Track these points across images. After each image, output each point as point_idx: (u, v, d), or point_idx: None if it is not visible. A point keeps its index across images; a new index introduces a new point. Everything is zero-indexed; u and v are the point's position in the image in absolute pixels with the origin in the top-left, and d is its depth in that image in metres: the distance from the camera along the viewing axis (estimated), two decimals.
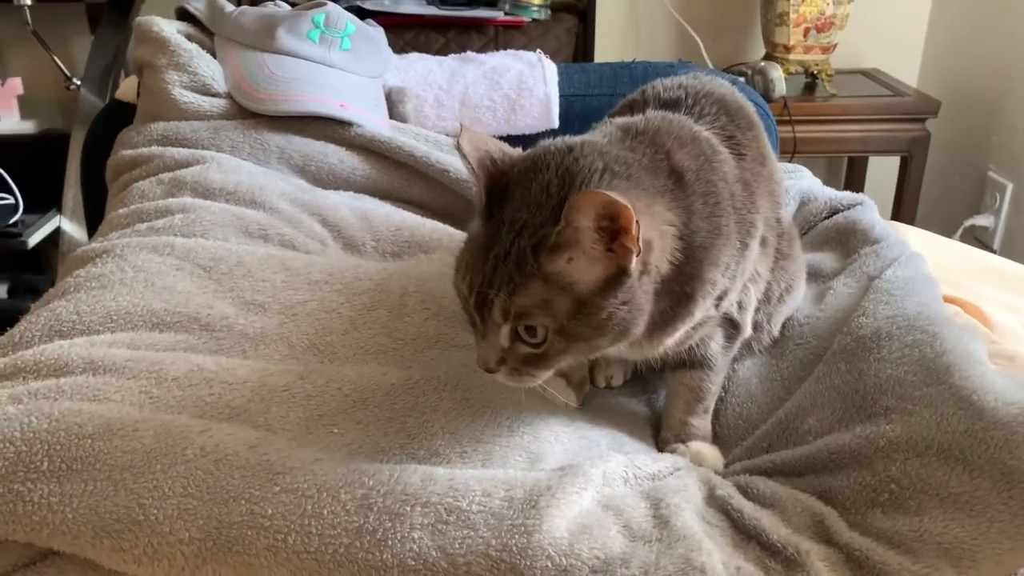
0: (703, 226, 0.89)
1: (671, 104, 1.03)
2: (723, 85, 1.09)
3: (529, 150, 0.89)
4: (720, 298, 0.94)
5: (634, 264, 0.80)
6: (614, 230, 0.78)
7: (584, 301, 0.81)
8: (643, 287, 0.84)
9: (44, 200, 2.38)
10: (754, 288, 1.03)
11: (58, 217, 2.34)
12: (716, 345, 1.01)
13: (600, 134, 0.95)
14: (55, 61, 2.40)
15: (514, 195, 0.83)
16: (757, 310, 1.06)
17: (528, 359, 0.84)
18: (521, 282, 0.80)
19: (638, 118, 0.98)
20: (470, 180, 0.85)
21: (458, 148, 0.84)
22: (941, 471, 0.83)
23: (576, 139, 0.89)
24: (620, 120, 0.98)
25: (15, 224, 2.32)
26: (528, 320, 0.81)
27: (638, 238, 0.79)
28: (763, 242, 1.01)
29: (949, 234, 2.30)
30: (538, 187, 0.82)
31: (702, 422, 1.04)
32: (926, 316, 1.02)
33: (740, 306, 1.01)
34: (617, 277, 0.81)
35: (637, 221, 0.77)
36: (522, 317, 0.81)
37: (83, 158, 1.64)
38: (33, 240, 2.32)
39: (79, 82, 2.35)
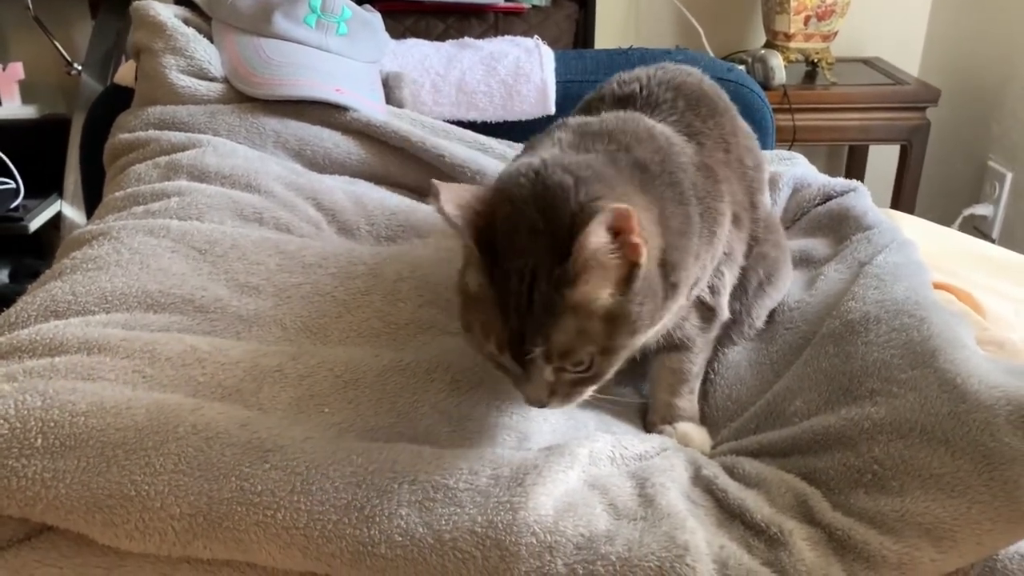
0: (676, 213, 0.90)
1: (626, 99, 1.04)
2: (683, 73, 1.10)
3: (496, 183, 0.86)
4: (692, 285, 0.96)
5: (644, 255, 0.81)
6: (617, 234, 0.79)
7: (614, 314, 0.82)
8: (649, 276, 0.85)
9: (45, 185, 2.38)
10: (728, 271, 1.04)
11: (59, 202, 2.35)
12: (692, 326, 1.02)
13: (550, 141, 0.95)
14: (56, 46, 2.41)
15: (507, 242, 0.81)
16: (736, 298, 1.08)
17: (576, 383, 0.85)
18: (555, 324, 0.80)
19: (593, 119, 0.99)
20: (459, 235, 0.82)
21: (440, 212, 0.80)
22: (924, 453, 0.83)
23: (535, 159, 0.87)
24: (574, 121, 0.99)
25: (16, 209, 2.33)
26: (572, 356, 0.82)
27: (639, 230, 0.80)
28: (736, 222, 1.02)
29: (948, 223, 2.30)
30: (526, 228, 0.81)
31: (688, 403, 1.05)
32: (914, 301, 1.02)
33: (713, 290, 1.02)
34: (630, 275, 0.82)
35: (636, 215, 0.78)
36: (566, 356, 0.82)
37: (82, 142, 1.65)
38: (34, 225, 2.32)
39: (80, 67, 2.36)
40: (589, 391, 0.87)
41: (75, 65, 2.40)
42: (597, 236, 0.78)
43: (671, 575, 0.78)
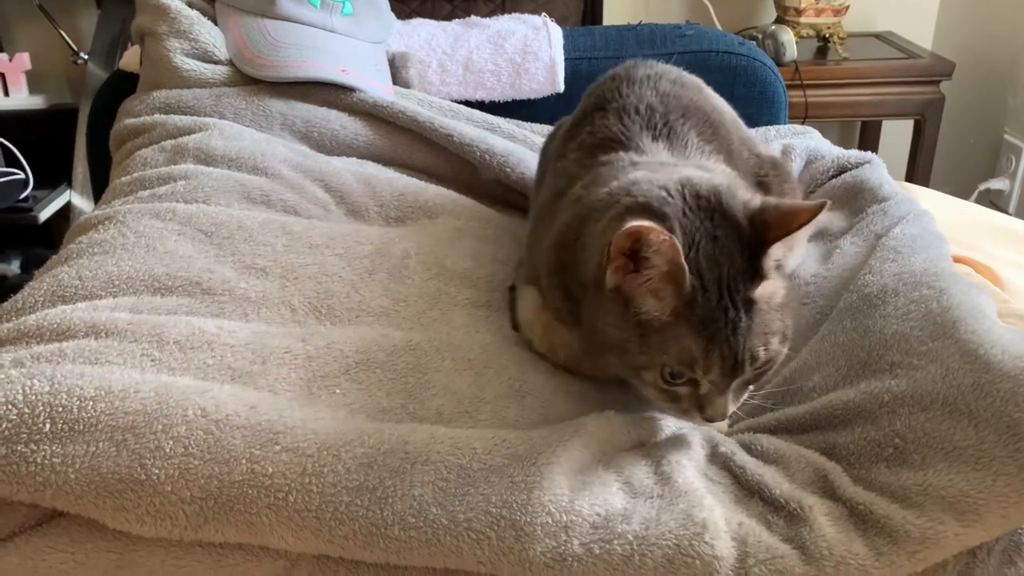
0: None
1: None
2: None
3: (635, 208, 0.85)
4: None
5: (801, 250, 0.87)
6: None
7: (785, 301, 0.84)
8: None
9: (54, 175, 2.38)
10: None
11: (69, 191, 2.35)
12: None
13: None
14: (62, 36, 2.40)
15: (696, 260, 0.81)
16: None
17: (749, 381, 0.86)
18: (755, 326, 0.81)
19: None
20: (667, 257, 0.79)
21: (663, 240, 0.78)
22: (946, 425, 0.82)
23: (653, 178, 0.89)
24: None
25: (26, 199, 2.33)
26: (772, 355, 0.83)
27: None
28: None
29: (964, 198, 2.26)
30: (705, 237, 0.82)
31: None
32: (933, 272, 1.00)
33: None
34: (781, 269, 0.85)
35: None
36: (769, 354, 0.83)
37: (88, 129, 1.64)
38: (44, 215, 2.32)
39: (86, 56, 2.35)
40: (751, 388, 0.88)
41: (81, 54, 2.40)
42: (807, 232, 0.82)
43: (689, 553, 0.77)
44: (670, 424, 0.94)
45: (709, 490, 0.83)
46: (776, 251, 0.82)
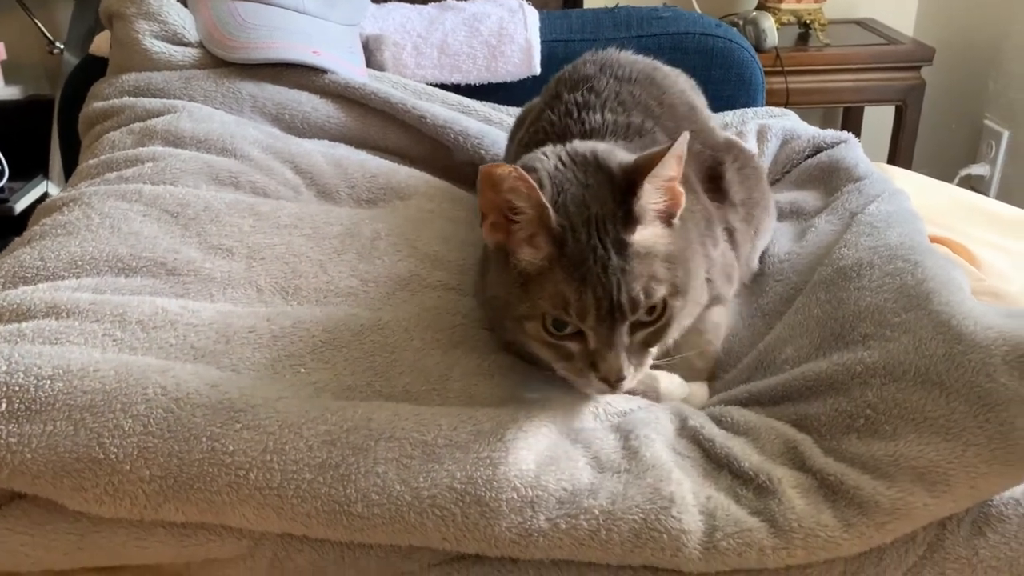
0: None
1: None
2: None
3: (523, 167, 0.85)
4: None
5: (683, 204, 0.85)
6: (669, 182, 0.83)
7: (672, 255, 0.83)
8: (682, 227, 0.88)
9: (31, 166, 2.35)
10: None
11: (45, 182, 2.32)
12: None
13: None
14: (38, 26, 2.37)
15: (564, 205, 0.82)
16: None
17: (646, 340, 0.84)
18: (631, 268, 0.80)
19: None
20: (527, 202, 0.81)
21: (520, 179, 0.79)
22: (918, 395, 0.81)
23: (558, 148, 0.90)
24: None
25: (1, 190, 2.30)
26: (653, 297, 0.81)
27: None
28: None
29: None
30: (578, 185, 0.83)
31: None
32: (908, 246, 1.00)
33: None
34: (669, 223, 0.85)
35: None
36: (649, 296, 0.81)
37: (59, 115, 1.62)
38: (20, 206, 2.29)
39: (62, 46, 2.32)
40: (653, 353, 0.86)
41: (57, 44, 2.37)
42: (670, 168, 0.80)
43: (656, 527, 0.76)
44: (639, 404, 0.93)
45: (677, 464, 0.82)
46: (650, 195, 0.82)
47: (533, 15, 1.62)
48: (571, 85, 1.09)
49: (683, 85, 1.19)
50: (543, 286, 0.81)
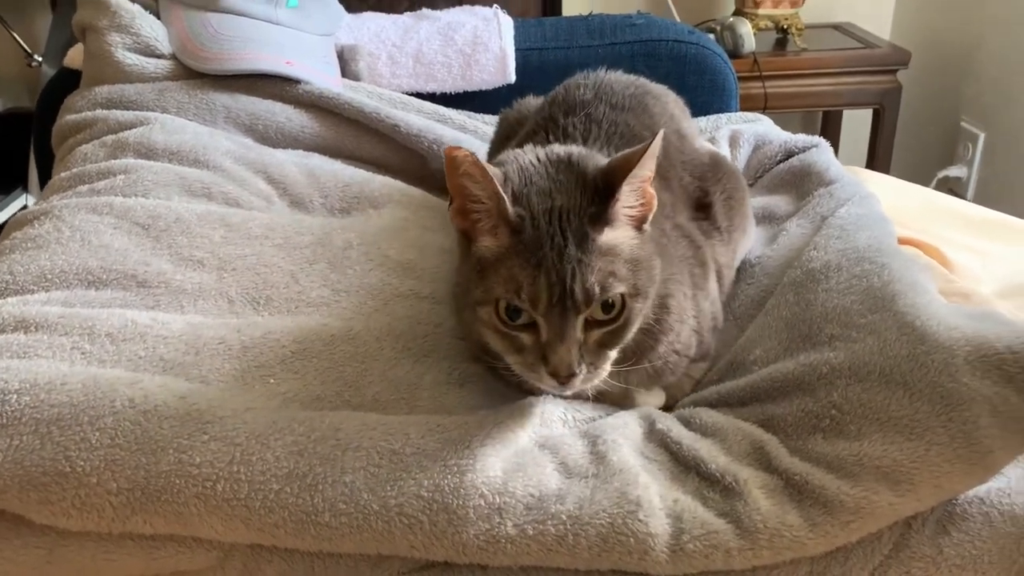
0: None
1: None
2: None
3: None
4: None
5: (654, 207, 0.84)
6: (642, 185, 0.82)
7: (636, 257, 0.82)
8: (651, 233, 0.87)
9: (10, 179, 2.35)
10: None
11: (25, 195, 2.31)
12: None
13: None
14: (15, 39, 2.37)
15: (530, 193, 0.81)
16: None
17: (602, 341, 0.81)
18: (589, 261, 0.78)
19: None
20: (483, 189, 0.80)
21: (474, 164, 0.78)
22: (882, 395, 0.82)
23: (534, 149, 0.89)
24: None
25: None
26: (609, 292, 0.79)
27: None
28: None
29: (923, 186, 2.27)
30: (548, 180, 0.82)
31: None
32: (876, 248, 1.01)
33: None
34: (639, 228, 0.84)
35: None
36: (605, 290, 0.78)
37: (34, 128, 1.61)
38: (0, 218, 2.29)
39: (41, 59, 2.31)
40: (611, 356, 0.83)
41: (36, 57, 2.36)
42: (647, 168, 0.80)
43: (623, 531, 0.76)
44: (607, 410, 0.93)
45: (645, 468, 0.82)
46: (627, 198, 0.81)
47: (507, 24, 1.63)
48: (567, 109, 1.07)
49: (672, 108, 1.18)
50: (498, 271, 0.80)
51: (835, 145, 2.62)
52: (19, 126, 2.28)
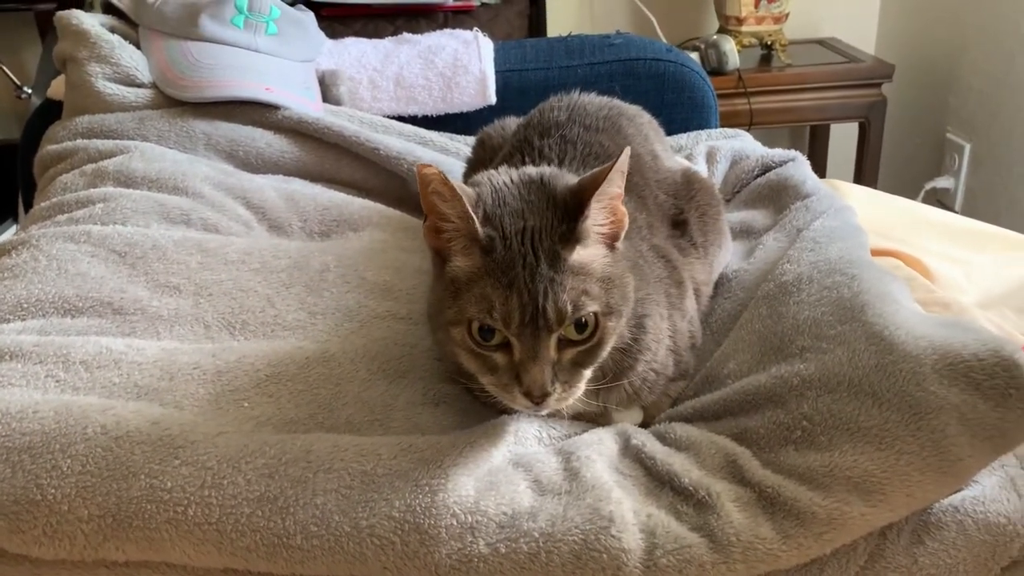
0: None
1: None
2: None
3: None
4: None
5: (626, 225, 0.84)
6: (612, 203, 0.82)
7: (608, 276, 0.82)
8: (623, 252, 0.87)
9: (1, 209, 2.36)
10: None
11: (14, 227, 2.32)
12: None
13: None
14: (4, 71, 2.38)
15: (500, 216, 0.81)
16: None
17: (577, 360, 0.81)
18: (561, 281, 0.78)
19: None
20: (452, 208, 0.81)
21: (443, 183, 0.79)
22: (852, 406, 0.81)
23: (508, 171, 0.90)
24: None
25: None
26: (581, 310, 0.78)
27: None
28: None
29: (911, 197, 2.26)
30: (520, 200, 0.82)
31: None
32: (847, 260, 1.01)
33: None
34: (612, 246, 0.84)
35: None
36: (578, 308, 0.78)
37: (20, 159, 1.62)
38: None
39: (30, 91, 2.33)
40: (586, 376, 0.83)
41: (25, 88, 2.38)
42: (615, 185, 0.80)
43: (596, 547, 0.76)
44: (582, 427, 0.93)
45: (619, 483, 0.82)
46: (596, 215, 0.81)
47: (487, 46, 1.64)
48: (541, 131, 1.08)
49: (646, 129, 1.18)
50: (471, 291, 0.80)
51: (823, 159, 2.66)
52: (10, 158, 2.29)
